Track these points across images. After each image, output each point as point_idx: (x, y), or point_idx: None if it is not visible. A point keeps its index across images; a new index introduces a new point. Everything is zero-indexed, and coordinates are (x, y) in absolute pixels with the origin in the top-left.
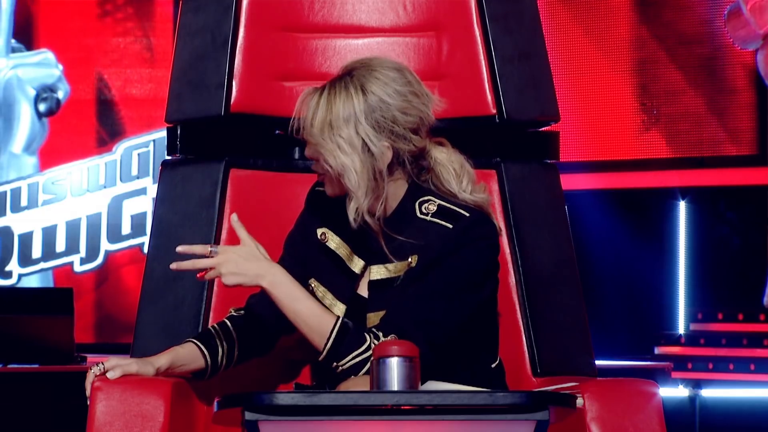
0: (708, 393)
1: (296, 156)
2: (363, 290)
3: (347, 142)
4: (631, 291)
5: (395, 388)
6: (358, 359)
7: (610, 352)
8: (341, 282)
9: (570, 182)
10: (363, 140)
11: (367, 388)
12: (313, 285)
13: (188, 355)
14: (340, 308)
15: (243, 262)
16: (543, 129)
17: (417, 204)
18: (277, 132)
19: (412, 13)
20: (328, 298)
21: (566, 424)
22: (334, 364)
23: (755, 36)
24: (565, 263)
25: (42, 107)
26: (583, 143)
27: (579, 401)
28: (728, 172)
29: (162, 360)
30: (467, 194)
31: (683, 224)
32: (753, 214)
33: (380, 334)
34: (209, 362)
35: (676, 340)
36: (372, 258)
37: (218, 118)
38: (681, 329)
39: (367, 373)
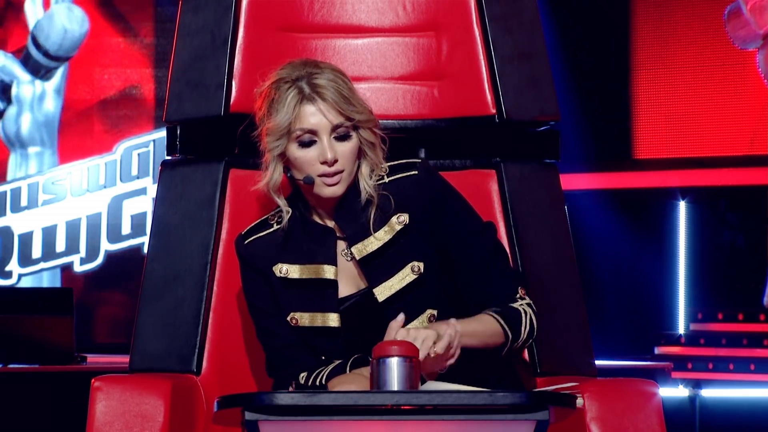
0: (708, 393)
1: None
2: (344, 291)
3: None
4: (631, 291)
5: (395, 388)
6: (527, 327)
7: (610, 352)
8: (322, 297)
9: (570, 182)
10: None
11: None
12: (296, 317)
13: None
14: (333, 319)
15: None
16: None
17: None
18: None
19: (411, 13)
20: (318, 318)
21: (566, 424)
22: (517, 342)
23: (755, 36)
24: (565, 263)
25: None
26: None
27: (579, 401)
28: (728, 172)
29: None
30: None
31: (683, 224)
32: (753, 214)
33: (516, 298)
34: None
35: (676, 340)
36: (341, 253)
37: (218, 118)
38: (681, 329)
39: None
